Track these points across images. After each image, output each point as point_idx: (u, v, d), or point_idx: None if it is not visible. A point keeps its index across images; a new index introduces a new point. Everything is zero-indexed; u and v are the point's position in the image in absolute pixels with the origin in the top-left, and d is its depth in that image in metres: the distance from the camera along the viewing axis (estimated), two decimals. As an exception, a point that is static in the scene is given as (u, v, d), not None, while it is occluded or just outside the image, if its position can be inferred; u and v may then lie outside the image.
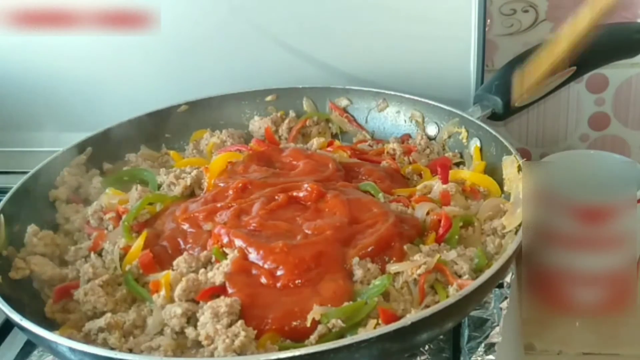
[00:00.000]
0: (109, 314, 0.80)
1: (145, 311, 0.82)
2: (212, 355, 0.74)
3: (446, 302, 0.72)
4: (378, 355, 0.70)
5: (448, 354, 0.83)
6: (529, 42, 1.14)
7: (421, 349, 0.82)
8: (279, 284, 0.80)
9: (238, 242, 0.85)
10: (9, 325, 0.90)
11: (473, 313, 0.85)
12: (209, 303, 0.78)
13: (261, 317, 0.77)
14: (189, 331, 0.77)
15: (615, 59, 1.14)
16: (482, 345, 0.81)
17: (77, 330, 0.81)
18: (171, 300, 0.81)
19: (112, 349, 0.77)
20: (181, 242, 0.90)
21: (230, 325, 0.75)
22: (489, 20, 1.19)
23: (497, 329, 0.83)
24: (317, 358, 0.68)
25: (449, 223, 0.88)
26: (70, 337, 0.75)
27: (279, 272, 0.81)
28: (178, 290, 0.80)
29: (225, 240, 0.86)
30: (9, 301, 0.79)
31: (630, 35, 1.11)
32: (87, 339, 0.79)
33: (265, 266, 0.82)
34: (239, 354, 0.73)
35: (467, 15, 1.12)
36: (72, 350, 0.72)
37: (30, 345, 0.88)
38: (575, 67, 1.06)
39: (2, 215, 0.91)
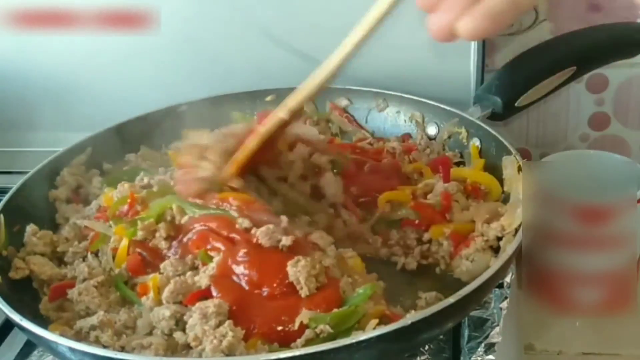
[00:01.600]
0: (101, 312, 0.80)
1: (135, 313, 0.81)
2: (202, 357, 0.73)
3: (446, 302, 0.72)
4: (378, 355, 0.70)
5: (448, 354, 0.83)
6: (529, 42, 1.13)
7: (421, 349, 0.82)
8: (263, 292, 0.78)
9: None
10: (9, 325, 0.90)
11: (473, 313, 0.85)
12: (197, 304, 0.77)
13: (248, 322, 0.76)
14: (178, 335, 0.76)
15: (615, 59, 1.13)
16: (482, 345, 0.81)
17: (68, 327, 0.81)
18: (159, 302, 0.80)
19: (104, 346, 0.76)
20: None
21: (218, 325, 0.75)
22: (489, 20, 1.19)
23: (497, 329, 0.83)
24: (316, 358, 0.68)
25: None
26: (62, 335, 0.74)
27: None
28: (166, 293, 0.79)
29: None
30: (9, 301, 0.79)
31: (630, 35, 1.11)
32: (79, 337, 0.78)
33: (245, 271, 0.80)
34: (227, 355, 0.72)
35: (467, 15, 1.11)
36: (72, 350, 0.72)
37: (30, 345, 0.88)
38: (575, 67, 1.06)
39: (2, 215, 0.91)
